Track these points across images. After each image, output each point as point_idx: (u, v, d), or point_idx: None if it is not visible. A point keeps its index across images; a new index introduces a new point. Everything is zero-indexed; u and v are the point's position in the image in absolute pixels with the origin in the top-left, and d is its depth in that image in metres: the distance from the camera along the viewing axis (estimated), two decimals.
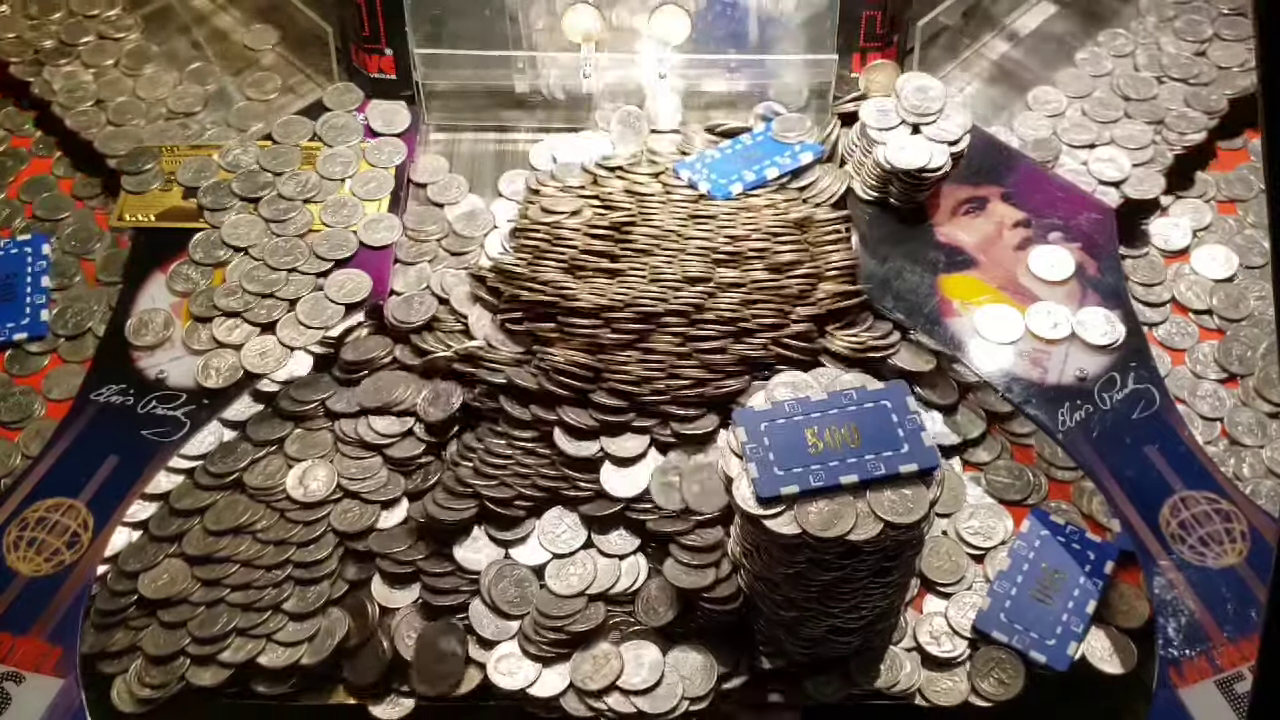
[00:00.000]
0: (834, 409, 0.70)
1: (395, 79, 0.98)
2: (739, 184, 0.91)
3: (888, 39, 0.96)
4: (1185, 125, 0.98)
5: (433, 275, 0.88)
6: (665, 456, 0.80)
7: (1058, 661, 0.74)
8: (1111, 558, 0.78)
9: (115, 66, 1.03)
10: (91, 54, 1.04)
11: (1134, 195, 0.94)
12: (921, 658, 0.77)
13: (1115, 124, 0.98)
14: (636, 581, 0.77)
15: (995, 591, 0.77)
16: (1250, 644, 0.71)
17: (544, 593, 0.77)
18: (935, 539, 0.80)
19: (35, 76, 1.03)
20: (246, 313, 0.86)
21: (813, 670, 0.76)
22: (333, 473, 0.81)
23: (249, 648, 0.76)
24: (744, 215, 0.88)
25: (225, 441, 0.82)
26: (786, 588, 0.71)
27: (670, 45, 0.96)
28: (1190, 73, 1.01)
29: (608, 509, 0.79)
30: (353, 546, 0.79)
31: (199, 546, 0.78)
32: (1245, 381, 0.87)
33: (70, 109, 1.00)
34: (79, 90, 1.01)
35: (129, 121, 0.99)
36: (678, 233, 0.87)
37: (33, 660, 0.71)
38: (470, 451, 0.80)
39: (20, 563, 0.74)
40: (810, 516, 0.67)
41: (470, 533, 0.79)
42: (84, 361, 0.86)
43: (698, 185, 0.90)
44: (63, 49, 1.04)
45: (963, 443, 0.84)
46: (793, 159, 0.92)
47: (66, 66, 1.03)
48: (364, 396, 0.83)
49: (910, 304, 0.85)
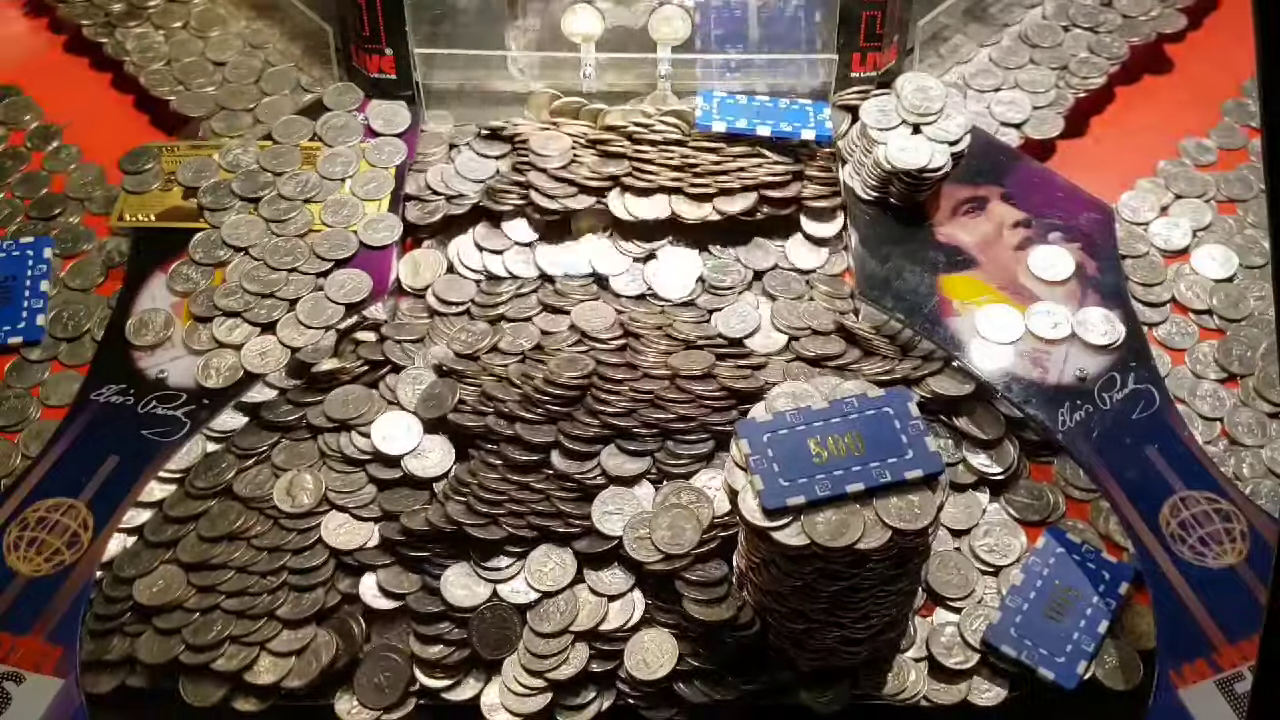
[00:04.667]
0: (836, 417, 0.70)
1: (395, 79, 0.98)
2: (723, 124, 0.92)
3: (888, 39, 0.96)
4: (1087, 70, 1.02)
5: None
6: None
7: (1066, 679, 0.74)
8: (1126, 579, 0.77)
9: (184, 28, 1.06)
10: (161, 16, 1.07)
11: (1034, 135, 0.98)
12: (929, 666, 0.76)
13: (1020, 69, 1.03)
14: (630, 619, 0.76)
15: (1007, 606, 0.76)
16: (1250, 644, 0.70)
17: (528, 632, 0.76)
18: (947, 554, 0.79)
19: (108, 38, 1.06)
20: (246, 313, 0.86)
21: (815, 682, 0.76)
22: (320, 483, 0.80)
23: (242, 656, 0.75)
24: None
25: (210, 452, 0.82)
26: (795, 600, 0.71)
27: (670, 45, 0.96)
28: (1096, 21, 1.06)
29: (600, 546, 0.78)
30: (345, 561, 0.79)
31: (193, 553, 0.78)
32: (1245, 381, 0.87)
33: (144, 69, 1.03)
34: (150, 51, 1.04)
35: (195, 83, 1.02)
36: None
37: (33, 660, 0.71)
38: (464, 487, 0.79)
39: (20, 563, 0.74)
40: (818, 527, 0.66)
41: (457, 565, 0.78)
42: (81, 367, 0.85)
43: (697, 111, 0.93)
44: (133, 11, 1.07)
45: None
46: (793, 130, 0.92)
47: (137, 28, 1.06)
48: (332, 409, 0.82)
49: (910, 304, 0.85)
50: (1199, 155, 1.00)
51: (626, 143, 0.93)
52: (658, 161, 0.92)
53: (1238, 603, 0.72)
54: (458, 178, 0.93)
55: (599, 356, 0.83)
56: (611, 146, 0.93)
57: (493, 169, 0.94)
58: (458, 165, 0.94)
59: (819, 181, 0.92)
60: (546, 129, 0.95)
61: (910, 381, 0.83)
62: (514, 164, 0.93)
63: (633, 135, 0.94)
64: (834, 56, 0.95)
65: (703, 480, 0.79)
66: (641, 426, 0.80)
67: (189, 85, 1.02)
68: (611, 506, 0.78)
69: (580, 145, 0.94)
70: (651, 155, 0.92)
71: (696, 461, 0.80)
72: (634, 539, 0.77)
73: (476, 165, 0.94)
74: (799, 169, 0.92)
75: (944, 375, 0.84)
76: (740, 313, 0.87)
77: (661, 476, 0.80)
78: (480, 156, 0.95)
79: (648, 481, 0.80)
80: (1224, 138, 1.01)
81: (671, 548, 0.76)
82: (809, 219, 0.92)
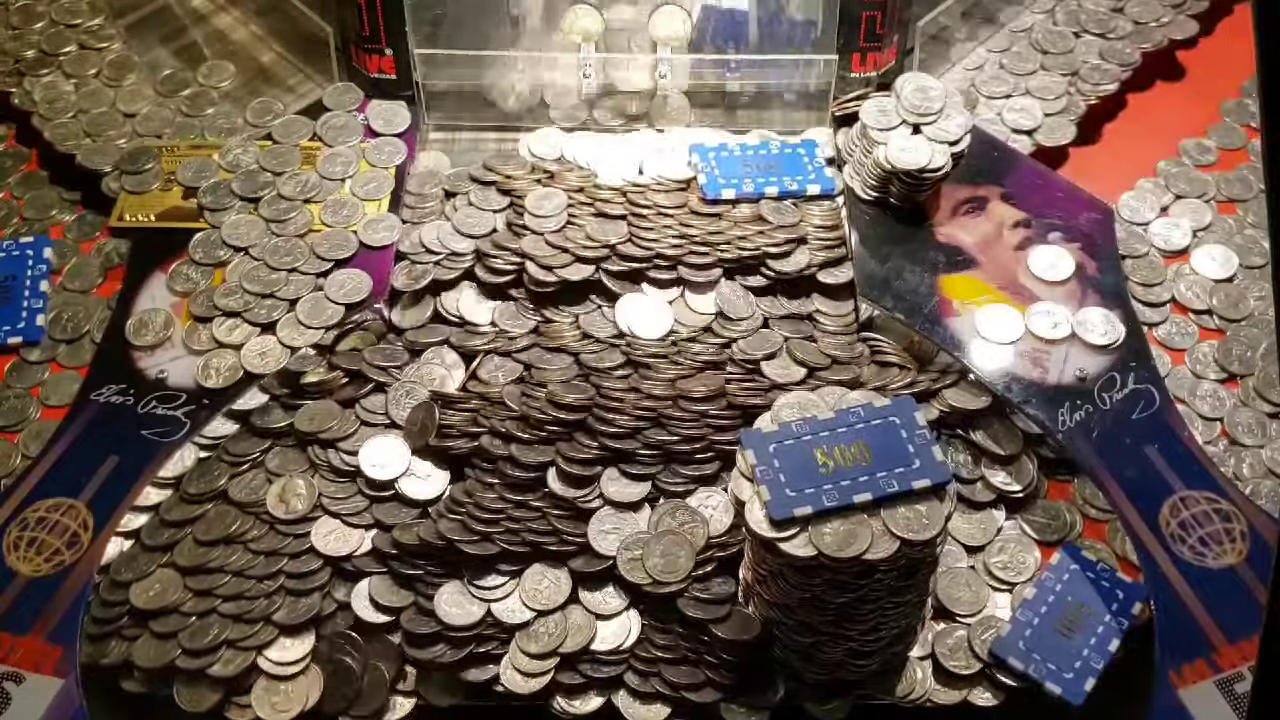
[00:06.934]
0: (842, 427, 0.69)
1: (395, 79, 0.98)
2: (732, 190, 0.91)
3: (888, 39, 0.96)
4: (1099, 77, 1.02)
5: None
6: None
7: (1074, 695, 0.73)
8: (1140, 599, 0.76)
9: (97, 77, 1.02)
10: (73, 64, 1.03)
11: (1046, 143, 0.98)
12: (934, 667, 0.77)
13: (1031, 76, 1.02)
14: (626, 640, 0.76)
15: (1018, 620, 0.76)
16: (1250, 644, 0.70)
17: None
18: (959, 570, 0.79)
19: (16, 87, 1.01)
20: (246, 313, 0.86)
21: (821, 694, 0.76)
22: (314, 488, 0.80)
23: (239, 660, 0.76)
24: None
25: (204, 458, 0.82)
26: (803, 612, 0.70)
27: (670, 45, 0.96)
28: (1107, 27, 1.06)
29: (596, 565, 0.77)
30: (343, 566, 0.79)
31: (190, 557, 0.78)
32: (1245, 381, 0.87)
33: (50, 120, 0.99)
34: (59, 101, 1.00)
35: (105, 134, 0.98)
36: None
37: (33, 660, 0.71)
38: (459, 507, 0.78)
39: (20, 563, 0.74)
40: (825, 537, 0.66)
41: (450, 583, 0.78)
42: (81, 367, 0.85)
43: (698, 176, 0.91)
44: (44, 59, 1.03)
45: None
46: (799, 186, 0.92)
47: (47, 77, 1.02)
48: (301, 423, 0.82)
49: (910, 304, 0.85)
50: (1199, 155, 1.00)
51: (623, 202, 0.90)
52: (658, 228, 0.89)
53: (1238, 603, 0.72)
54: (454, 235, 0.89)
55: (599, 382, 0.82)
56: (610, 208, 0.90)
57: (490, 225, 0.90)
58: (455, 221, 0.90)
59: (822, 234, 0.90)
60: (540, 181, 0.92)
61: (928, 394, 0.83)
62: (509, 222, 0.90)
63: (629, 196, 0.91)
64: (834, 56, 0.95)
65: (698, 499, 0.79)
66: (644, 448, 0.79)
67: (97, 138, 0.97)
68: (608, 525, 0.78)
69: (577, 204, 0.90)
70: (650, 225, 0.89)
71: (695, 483, 0.79)
72: (628, 560, 0.76)
73: (475, 220, 0.90)
74: (800, 236, 0.89)
75: (959, 388, 0.83)
76: (763, 335, 0.85)
77: (659, 495, 0.79)
78: (479, 210, 0.91)
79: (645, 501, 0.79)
80: (1224, 138, 1.01)
81: (665, 575, 0.75)
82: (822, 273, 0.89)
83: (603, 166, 0.94)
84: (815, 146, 0.95)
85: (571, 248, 0.87)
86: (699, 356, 0.84)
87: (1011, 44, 1.05)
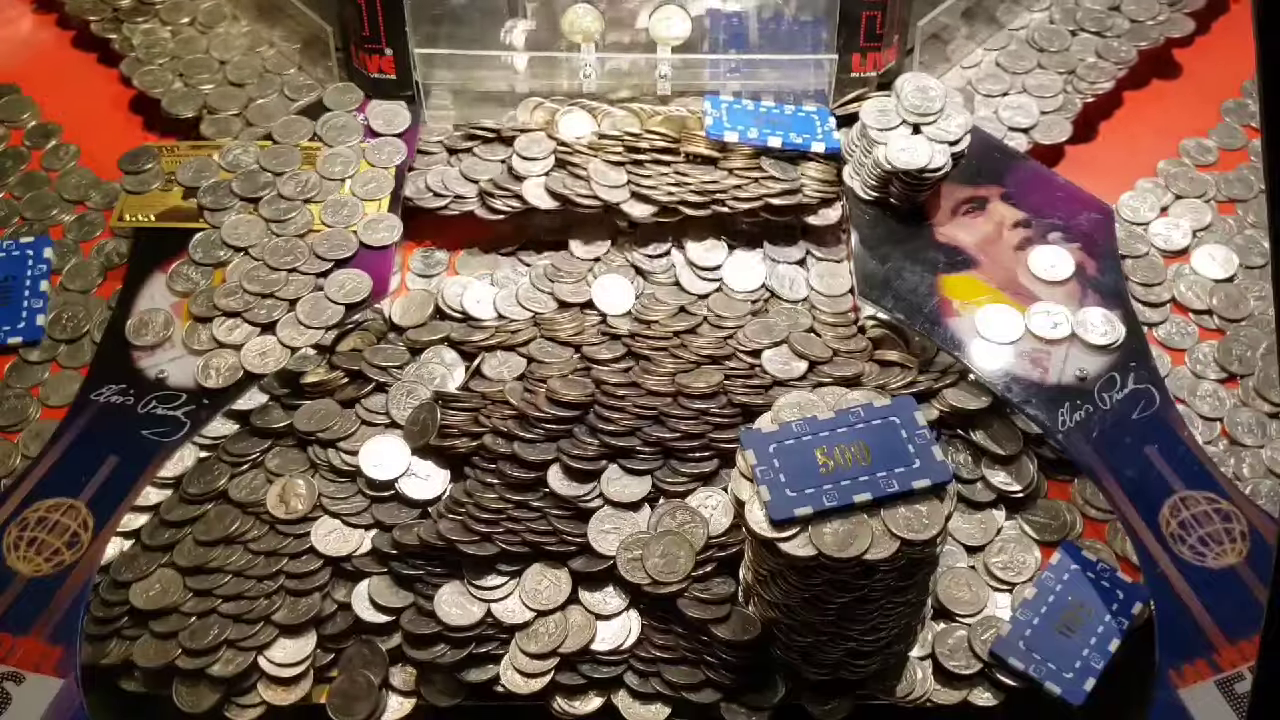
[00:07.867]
0: (842, 427, 0.69)
1: (395, 79, 0.98)
2: (735, 134, 0.92)
3: (888, 39, 0.96)
4: (1095, 75, 1.02)
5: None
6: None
7: (1073, 695, 0.73)
8: (1141, 599, 0.76)
9: (191, 24, 1.06)
10: (169, 11, 1.07)
11: (1043, 141, 0.98)
12: (934, 667, 0.77)
13: (1028, 74, 1.03)
14: (626, 640, 0.76)
15: (1018, 619, 0.76)
16: (1250, 644, 0.70)
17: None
18: (959, 570, 0.79)
19: (116, 34, 1.05)
20: (246, 313, 0.86)
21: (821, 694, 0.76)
22: (314, 488, 0.80)
23: (239, 660, 0.76)
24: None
25: (204, 458, 0.82)
26: (803, 612, 0.70)
27: (670, 45, 0.96)
28: (1104, 25, 1.06)
29: (596, 565, 0.77)
30: (341, 566, 0.79)
31: (190, 557, 0.78)
32: (1245, 381, 0.87)
33: (141, 66, 1.03)
34: (156, 47, 1.04)
35: (198, 80, 1.02)
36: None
37: (33, 660, 0.71)
38: (459, 507, 0.78)
39: (20, 563, 0.74)
40: (825, 537, 0.66)
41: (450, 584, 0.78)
42: (81, 368, 0.85)
43: (705, 118, 0.93)
44: (140, 7, 1.07)
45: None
46: (805, 142, 0.92)
47: (144, 24, 1.06)
48: (300, 422, 0.82)
49: (910, 304, 0.85)
50: (1199, 155, 1.00)
51: (623, 149, 0.92)
52: (655, 175, 0.90)
53: (1238, 603, 0.72)
54: (459, 180, 0.93)
55: (600, 376, 0.82)
56: (609, 154, 0.92)
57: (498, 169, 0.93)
58: (462, 168, 0.93)
59: (818, 184, 0.92)
60: (542, 130, 0.95)
61: (928, 394, 0.83)
62: (509, 168, 0.93)
63: (626, 143, 0.92)
64: (834, 57, 0.95)
65: (698, 499, 0.79)
66: (644, 445, 0.79)
67: (189, 81, 1.01)
68: (608, 525, 0.78)
69: (579, 152, 0.92)
70: (649, 170, 0.91)
71: (696, 481, 0.79)
72: (628, 560, 0.76)
73: (481, 168, 0.93)
74: (798, 186, 0.91)
75: (959, 388, 0.83)
76: (765, 324, 0.86)
77: (659, 495, 0.79)
78: (484, 160, 0.94)
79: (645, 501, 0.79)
80: (1224, 138, 1.01)
81: (665, 575, 0.75)
82: (810, 216, 0.91)
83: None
84: (828, 114, 0.95)
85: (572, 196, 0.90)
86: (701, 351, 0.84)
87: (1008, 42, 1.05)
